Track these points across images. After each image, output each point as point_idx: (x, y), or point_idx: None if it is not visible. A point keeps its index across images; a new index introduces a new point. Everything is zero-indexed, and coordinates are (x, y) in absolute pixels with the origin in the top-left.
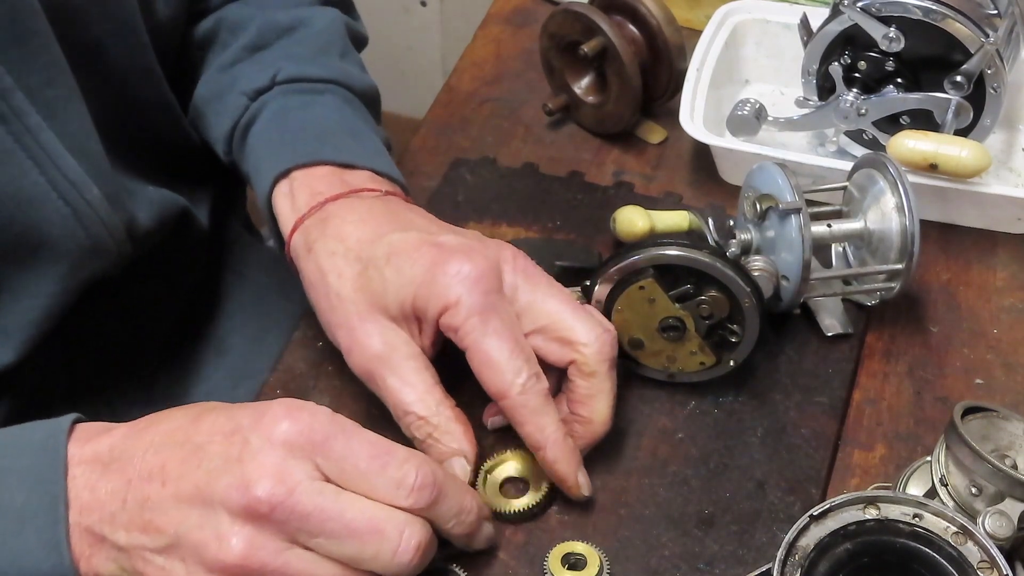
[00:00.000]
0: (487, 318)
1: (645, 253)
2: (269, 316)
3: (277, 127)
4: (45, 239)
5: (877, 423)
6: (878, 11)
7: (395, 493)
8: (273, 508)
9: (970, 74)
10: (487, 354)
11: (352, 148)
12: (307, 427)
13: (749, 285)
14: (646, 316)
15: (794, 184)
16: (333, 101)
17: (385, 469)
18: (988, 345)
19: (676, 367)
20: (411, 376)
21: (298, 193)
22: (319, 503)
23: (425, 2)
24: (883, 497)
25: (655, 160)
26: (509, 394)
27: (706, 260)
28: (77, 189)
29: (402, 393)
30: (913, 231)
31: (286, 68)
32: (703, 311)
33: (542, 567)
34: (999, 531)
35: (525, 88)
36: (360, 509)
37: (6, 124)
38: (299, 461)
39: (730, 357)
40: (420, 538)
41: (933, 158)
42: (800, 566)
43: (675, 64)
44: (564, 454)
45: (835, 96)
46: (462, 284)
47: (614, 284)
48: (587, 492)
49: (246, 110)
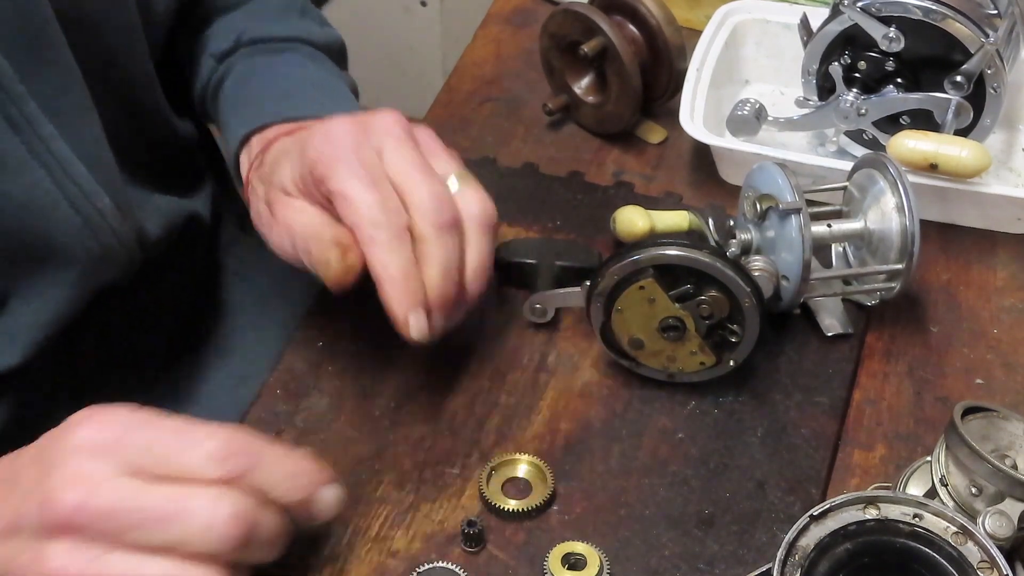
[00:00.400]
0: (348, 163)
1: (645, 253)
2: (270, 316)
3: (241, 90)
4: (56, 247)
5: (877, 423)
6: (878, 11)
7: (205, 466)
8: (73, 514)
9: (970, 74)
10: (342, 192)
11: (313, 102)
12: (104, 426)
13: (749, 285)
14: (646, 316)
15: (794, 184)
16: (293, 59)
17: (191, 446)
18: (988, 345)
19: (676, 367)
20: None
21: (255, 149)
22: (118, 498)
23: (425, 2)
24: (883, 497)
25: (655, 160)
26: (360, 226)
27: (706, 260)
28: (88, 198)
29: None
30: (913, 231)
31: (249, 29)
32: (703, 311)
33: (542, 567)
34: (999, 531)
35: (525, 88)
36: (162, 494)
37: (19, 133)
38: (100, 462)
39: (730, 357)
40: (234, 508)
41: (933, 158)
42: (800, 566)
43: (675, 64)
44: (398, 293)
45: (835, 96)
46: (325, 140)
47: (614, 284)
48: (417, 335)
49: (214, 72)
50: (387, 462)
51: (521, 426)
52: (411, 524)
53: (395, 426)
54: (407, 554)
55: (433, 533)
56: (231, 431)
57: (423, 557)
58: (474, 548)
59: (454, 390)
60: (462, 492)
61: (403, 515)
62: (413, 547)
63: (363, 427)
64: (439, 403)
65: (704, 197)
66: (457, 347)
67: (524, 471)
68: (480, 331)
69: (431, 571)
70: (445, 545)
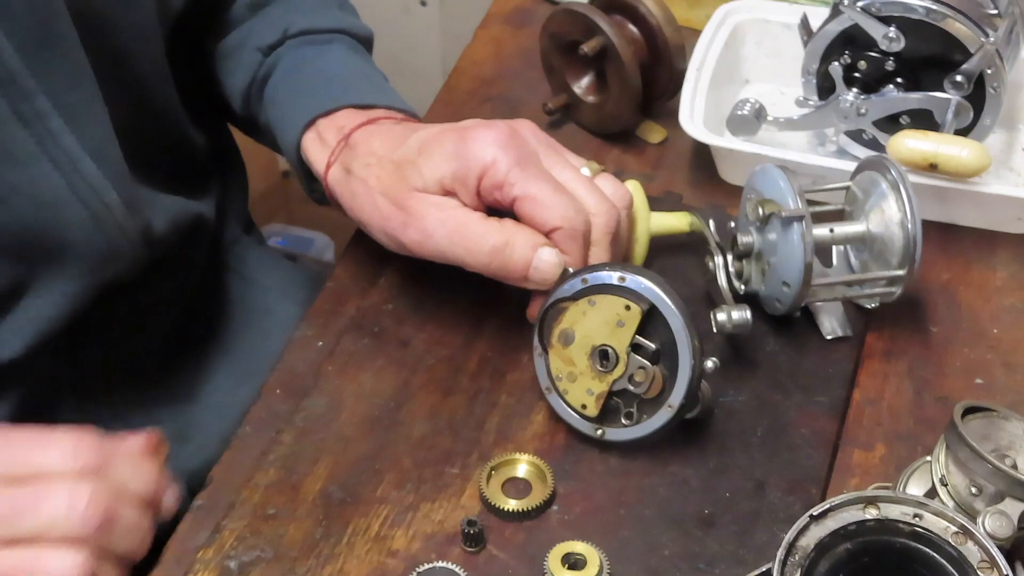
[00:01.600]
0: (525, 167)
1: (677, 304)
2: (271, 317)
3: (295, 79)
4: (63, 241)
5: (877, 423)
6: (878, 11)
7: (61, 462)
8: None
9: (970, 74)
10: (534, 197)
11: (367, 90)
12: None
13: (689, 397)
14: (603, 328)
15: (797, 189)
16: (341, 50)
17: (45, 447)
18: (988, 345)
19: (563, 387)
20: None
21: (325, 135)
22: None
23: (425, 2)
24: (883, 497)
25: (655, 160)
26: (562, 224)
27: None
28: (97, 193)
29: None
30: (916, 236)
31: (296, 22)
32: (638, 375)
33: (542, 567)
34: (999, 531)
35: (525, 88)
36: (23, 489)
37: (28, 127)
38: None
39: (604, 428)
40: (93, 492)
41: (933, 158)
42: (800, 566)
43: (675, 64)
44: None
45: (835, 96)
46: (494, 144)
47: (616, 283)
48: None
49: (261, 65)
50: (387, 462)
51: (521, 426)
52: (411, 524)
53: (395, 426)
54: (407, 554)
55: (433, 533)
56: (82, 432)
57: (423, 557)
58: (474, 548)
59: (454, 390)
60: (462, 492)
61: (403, 515)
62: (413, 547)
63: (363, 427)
64: (439, 403)
65: (704, 197)
66: (457, 347)
67: (524, 471)
68: (480, 330)
69: (431, 571)
70: (445, 545)
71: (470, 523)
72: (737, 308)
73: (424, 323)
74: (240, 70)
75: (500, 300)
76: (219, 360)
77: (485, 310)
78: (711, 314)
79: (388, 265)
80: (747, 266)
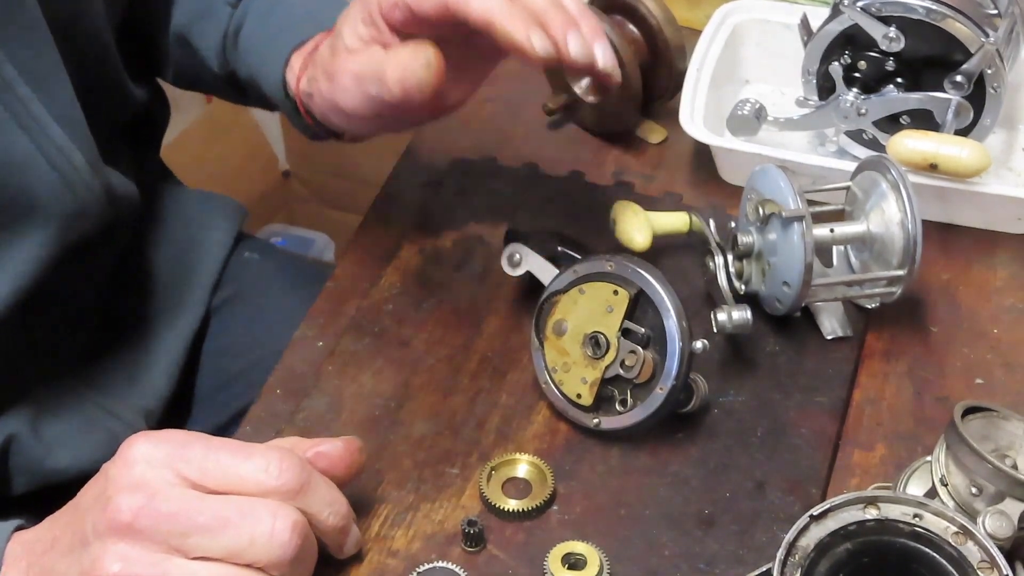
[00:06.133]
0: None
1: (665, 287)
2: (271, 316)
3: (267, 23)
4: (35, 203)
5: (877, 423)
6: (878, 11)
7: (263, 477)
8: (135, 516)
9: (970, 74)
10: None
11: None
12: (161, 442)
13: (679, 379)
14: (593, 314)
15: (797, 189)
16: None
17: (249, 458)
18: (988, 345)
19: (558, 378)
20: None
21: (296, 62)
22: (180, 502)
23: None
24: (883, 497)
25: (655, 160)
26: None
27: (677, 345)
28: (64, 155)
29: None
30: (916, 236)
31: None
32: (629, 359)
33: (542, 567)
34: (999, 531)
35: (525, 88)
36: (224, 501)
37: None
38: (158, 470)
39: (599, 417)
40: (295, 518)
41: (933, 158)
42: (800, 566)
43: (675, 64)
44: (509, 20)
45: (835, 96)
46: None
47: (606, 270)
48: (542, 51)
49: (231, 18)
50: (387, 462)
51: (521, 426)
52: (411, 524)
53: (395, 426)
54: (407, 554)
55: (433, 533)
56: (284, 450)
57: (423, 557)
58: (474, 548)
59: (454, 390)
60: (462, 492)
61: (403, 515)
62: (413, 547)
63: (363, 427)
64: (439, 403)
65: (704, 197)
66: (457, 347)
67: (524, 471)
68: (480, 330)
69: (431, 571)
70: (445, 545)
71: (470, 523)
72: (737, 308)
73: (424, 323)
74: (212, 28)
75: (500, 300)
76: (156, 296)
77: (485, 310)
78: (711, 314)
79: (388, 265)
80: (747, 266)
